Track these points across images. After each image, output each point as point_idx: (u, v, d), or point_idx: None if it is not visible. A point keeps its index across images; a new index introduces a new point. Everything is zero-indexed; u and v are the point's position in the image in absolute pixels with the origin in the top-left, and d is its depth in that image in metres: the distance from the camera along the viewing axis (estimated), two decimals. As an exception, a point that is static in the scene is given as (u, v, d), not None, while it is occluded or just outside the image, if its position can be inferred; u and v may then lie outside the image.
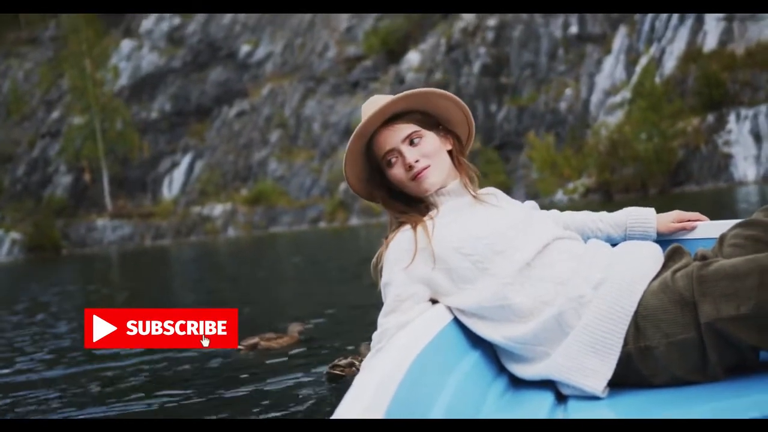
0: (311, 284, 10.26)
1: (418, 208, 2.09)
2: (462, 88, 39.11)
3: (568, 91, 36.79)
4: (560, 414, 1.75)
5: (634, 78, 33.93)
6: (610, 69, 36.20)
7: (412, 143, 2.04)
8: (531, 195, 32.81)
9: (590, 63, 37.04)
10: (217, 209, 42.89)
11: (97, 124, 46.05)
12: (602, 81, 36.12)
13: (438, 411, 1.52)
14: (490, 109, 38.34)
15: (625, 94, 33.95)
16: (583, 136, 33.98)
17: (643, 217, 2.24)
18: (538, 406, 1.77)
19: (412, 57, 42.13)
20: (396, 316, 1.92)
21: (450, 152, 2.13)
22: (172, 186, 46.12)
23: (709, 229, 2.22)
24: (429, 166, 2.03)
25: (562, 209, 2.37)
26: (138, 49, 51.37)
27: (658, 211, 2.29)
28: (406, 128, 2.04)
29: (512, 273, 1.91)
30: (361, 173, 2.12)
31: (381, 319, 1.94)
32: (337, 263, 13.40)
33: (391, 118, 2.05)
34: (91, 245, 43.51)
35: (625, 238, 2.23)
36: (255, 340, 5.05)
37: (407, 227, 2.02)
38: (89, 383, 4.45)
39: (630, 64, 35.40)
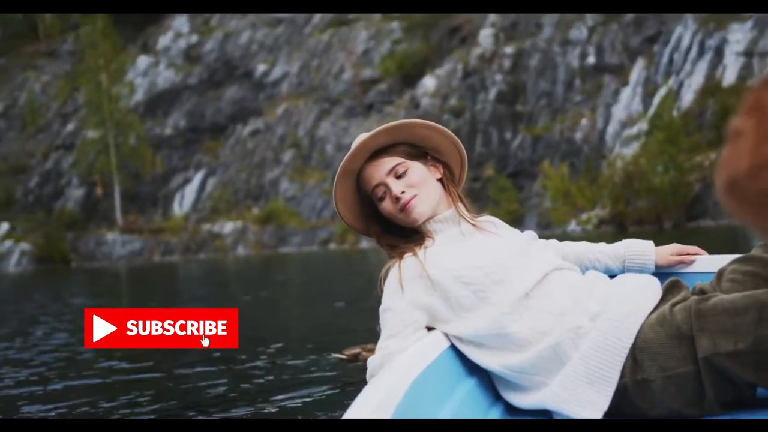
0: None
1: (414, 238, 2.10)
2: (477, 114, 39.06)
3: (584, 121, 36.67)
4: None
5: (652, 110, 33.76)
6: (627, 100, 36.07)
7: (397, 175, 2.05)
8: (543, 224, 32.60)
9: (607, 94, 36.93)
10: (228, 227, 42.84)
11: (111, 138, 46.18)
12: (619, 112, 35.98)
13: None
14: (505, 137, 38.24)
15: (642, 126, 33.77)
16: (598, 166, 33.79)
17: (641, 249, 2.24)
18: None
19: (428, 82, 42.15)
20: (397, 341, 1.91)
21: (442, 181, 2.14)
22: (183, 202, 46.13)
23: (707, 263, 2.23)
24: (416, 195, 2.04)
25: (575, 240, 2.37)
26: (154, 66, 51.63)
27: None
28: (390, 161, 2.06)
29: (511, 302, 1.91)
30: (355, 209, 2.15)
31: (382, 343, 1.94)
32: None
33: (377, 152, 2.08)
34: (100, 259, 43.48)
35: (623, 270, 2.23)
36: (357, 350, 5.01)
37: (407, 255, 2.03)
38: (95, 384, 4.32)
39: (647, 96, 35.26)
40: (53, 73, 55.00)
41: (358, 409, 1.31)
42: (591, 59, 38.20)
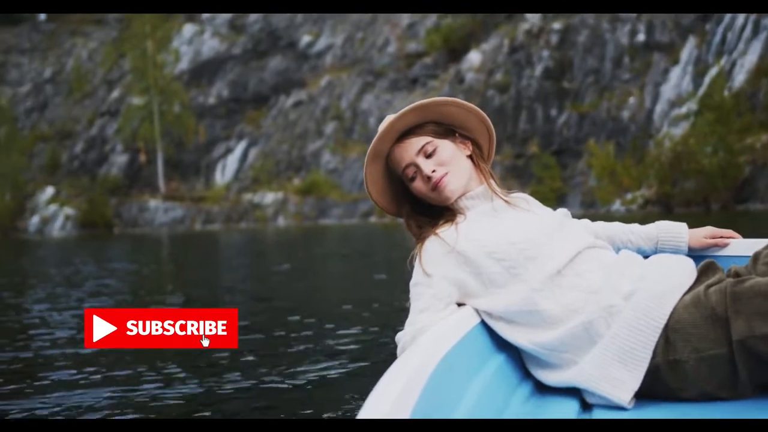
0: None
1: (445, 216, 2.10)
2: (523, 90, 38.60)
3: (632, 100, 36.05)
4: None
5: (702, 89, 33.01)
6: (677, 79, 35.35)
7: (427, 155, 2.05)
8: (587, 203, 32.19)
9: (656, 72, 36.23)
10: (269, 197, 43.03)
11: (155, 105, 46.54)
12: (668, 91, 35.29)
13: (461, 413, 1.54)
14: (550, 114, 37.76)
15: (691, 105, 33.06)
16: (645, 146, 33.21)
17: (675, 231, 2.25)
18: (563, 414, 1.76)
19: (474, 56, 41.70)
20: (429, 315, 1.91)
21: (472, 158, 2.14)
22: (225, 171, 46.40)
23: (742, 247, 2.23)
24: (447, 173, 2.04)
25: (619, 220, 2.37)
26: (200, 34, 51.79)
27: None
28: (419, 141, 2.06)
29: (543, 279, 1.90)
30: (386, 191, 2.16)
31: (413, 317, 1.93)
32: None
33: (405, 133, 2.07)
34: (142, 225, 43.99)
35: (655, 251, 2.23)
36: None
37: (439, 231, 2.03)
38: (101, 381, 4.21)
39: (698, 76, 34.50)
40: (100, 39, 55.46)
41: (388, 384, 1.30)
42: (641, 36, 37.48)
